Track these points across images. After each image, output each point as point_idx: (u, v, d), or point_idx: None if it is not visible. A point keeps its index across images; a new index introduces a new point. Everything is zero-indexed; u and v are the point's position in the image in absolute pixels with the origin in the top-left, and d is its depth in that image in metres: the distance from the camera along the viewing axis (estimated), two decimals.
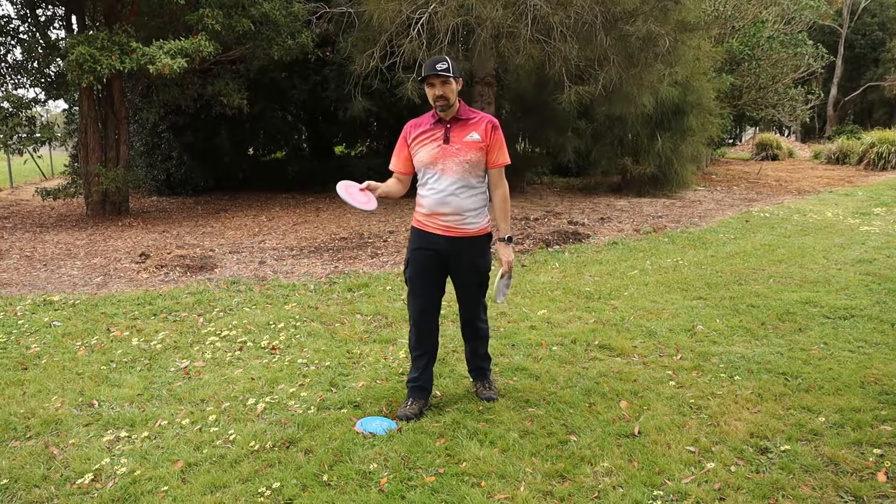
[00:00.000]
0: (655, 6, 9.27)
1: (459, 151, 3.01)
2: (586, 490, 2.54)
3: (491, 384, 3.41)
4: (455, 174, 3.02)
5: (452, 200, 3.03)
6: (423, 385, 3.25)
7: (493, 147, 3.05)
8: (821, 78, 25.64)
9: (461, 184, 3.03)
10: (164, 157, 13.83)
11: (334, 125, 14.90)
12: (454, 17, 8.77)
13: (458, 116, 3.05)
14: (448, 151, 3.02)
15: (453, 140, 3.02)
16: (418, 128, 3.10)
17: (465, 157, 3.01)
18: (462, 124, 3.04)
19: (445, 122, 3.04)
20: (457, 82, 2.99)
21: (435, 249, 3.10)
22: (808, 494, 2.48)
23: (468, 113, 3.07)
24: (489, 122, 3.06)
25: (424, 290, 3.18)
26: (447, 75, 2.92)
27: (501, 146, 3.08)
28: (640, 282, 5.83)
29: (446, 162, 3.02)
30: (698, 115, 12.66)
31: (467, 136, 3.01)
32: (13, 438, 3.07)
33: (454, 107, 3.03)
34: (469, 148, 3.01)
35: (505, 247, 3.18)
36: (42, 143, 10.50)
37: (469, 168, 3.02)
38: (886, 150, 17.73)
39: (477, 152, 3.02)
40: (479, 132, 3.02)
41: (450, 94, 2.97)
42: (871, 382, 3.47)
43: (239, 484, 2.63)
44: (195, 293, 5.66)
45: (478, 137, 3.02)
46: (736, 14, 17.17)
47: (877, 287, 5.42)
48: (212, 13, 9.03)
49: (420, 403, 3.23)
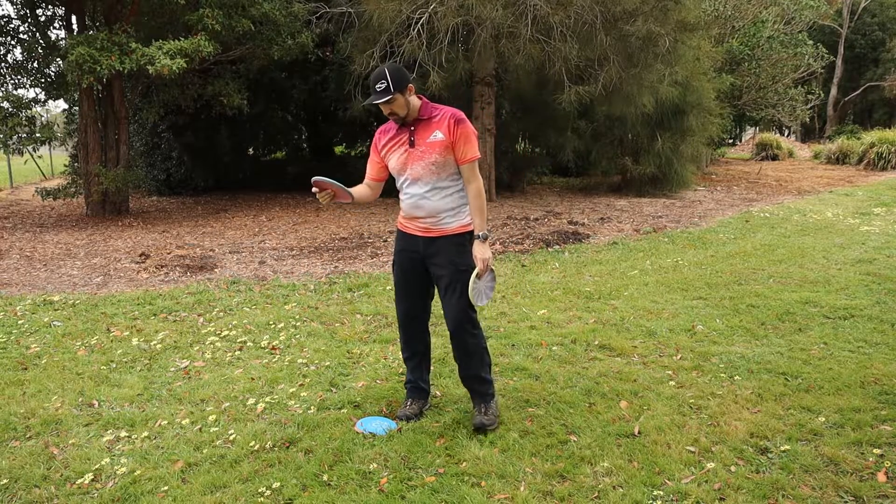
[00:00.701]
0: (655, 6, 9.27)
1: (424, 153, 2.90)
2: (586, 490, 2.54)
3: (487, 409, 3.05)
4: (423, 177, 2.92)
5: (425, 204, 2.94)
6: (420, 385, 3.24)
7: (458, 142, 2.89)
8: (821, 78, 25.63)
9: (431, 186, 2.92)
10: (164, 157, 13.84)
11: (334, 125, 14.90)
12: (454, 17, 8.78)
13: (421, 117, 2.92)
14: (414, 155, 2.92)
15: (418, 142, 2.91)
16: (386, 134, 3.03)
17: (430, 158, 2.89)
18: (425, 124, 2.92)
19: (409, 125, 2.94)
20: (404, 94, 2.83)
21: (415, 251, 3.03)
22: (808, 494, 2.48)
23: (430, 111, 2.93)
24: (452, 116, 2.90)
25: (407, 293, 3.13)
26: (387, 98, 2.78)
27: (468, 140, 2.90)
28: (640, 282, 5.83)
29: (414, 166, 2.92)
30: (698, 115, 12.67)
31: (431, 136, 2.89)
32: (13, 438, 3.07)
33: (412, 111, 2.91)
34: (433, 148, 2.88)
35: (480, 244, 2.94)
36: (42, 143, 10.50)
37: (436, 169, 2.90)
38: (886, 150, 17.73)
39: (442, 151, 2.88)
40: (442, 130, 2.88)
41: (398, 109, 2.85)
42: (871, 382, 3.47)
43: (239, 484, 2.63)
44: (195, 293, 5.66)
45: (441, 136, 2.88)
46: (736, 14, 17.18)
47: (877, 287, 5.43)
48: (212, 13, 9.03)
49: (419, 403, 3.23)
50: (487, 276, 2.99)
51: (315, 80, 12.69)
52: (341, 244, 8.04)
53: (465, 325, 3.00)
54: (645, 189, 12.78)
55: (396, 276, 3.15)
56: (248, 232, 9.07)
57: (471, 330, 3.02)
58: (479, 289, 2.96)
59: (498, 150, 12.04)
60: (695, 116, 12.55)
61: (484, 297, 3.00)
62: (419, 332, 3.20)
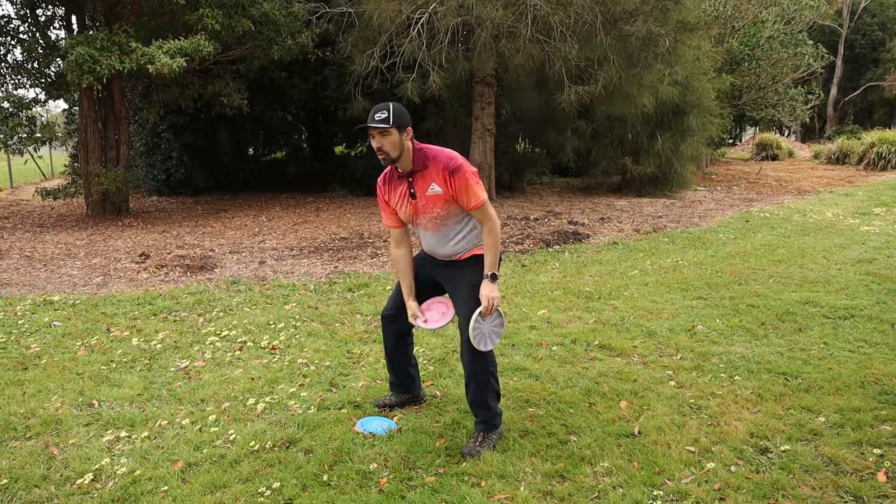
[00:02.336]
0: (655, 6, 9.27)
1: (426, 207, 2.81)
2: (586, 490, 2.54)
3: (482, 440, 2.85)
4: (431, 229, 2.87)
5: (438, 250, 2.92)
6: (398, 383, 3.29)
7: (458, 194, 2.74)
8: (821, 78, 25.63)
9: (441, 234, 2.86)
10: (164, 157, 13.83)
11: (334, 125, 14.89)
12: (454, 17, 8.78)
13: (415, 168, 2.78)
14: (417, 207, 2.83)
15: (419, 195, 2.80)
16: (386, 185, 2.94)
17: (432, 213, 2.81)
18: (421, 174, 2.78)
19: (406, 176, 2.82)
20: (402, 132, 2.70)
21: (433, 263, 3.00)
22: (808, 494, 2.48)
23: (423, 160, 2.77)
24: (444, 167, 2.73)
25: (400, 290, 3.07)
26: (384, 127, 2.66)
27: (468, 188, 2.72)
28: (640, 282, 5.83)
29: (420, 219, 2.86)
30: (698, 115, 12.67)
31: (429, 190, 2.77)
32: (13, 438, 3.07)
33: (407, 156, 2.77)
34: (434, 203, 2.78)
35: (488, 283, 2.75)
36: (42, 143, 10.49)
37: (441, 221, 2.82)
38: (886, 150, 17.73)
39: (443, 205, 2.78)
40: (438, 183, 2.75)
41: (389, 148, 2.70)
42: (871, 382, 3.47)
43: (239, 484, 2.63)
44: (195, 293, 5.66)
45: (439, 190, 2.75)
46: (736, 14, 17.17)
47: (877, 287, 5.42)
48: (212, 13, 9.03)
49: (399, 398, 3.29)
50: (494, 318, 2.76)
51: (315, 80, 12.68)
52: (341, 244, 8.04)
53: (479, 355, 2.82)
54: (645, 189, 12.78)
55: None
56: (248, 232, 9.07)
57: (479, 354, 2.81)
58: (482, 331, 2.73)
59: (498, 150, 12.04)
60: (695, 116, 12.55)
61: (489, 341, 2.76)
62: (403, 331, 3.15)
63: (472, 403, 2.91)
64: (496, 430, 2.91)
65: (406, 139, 2.75)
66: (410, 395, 3.32)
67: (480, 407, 2.89)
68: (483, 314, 2.71)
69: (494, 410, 2.90)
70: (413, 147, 2.79)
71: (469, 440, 2.88)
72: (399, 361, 3.24)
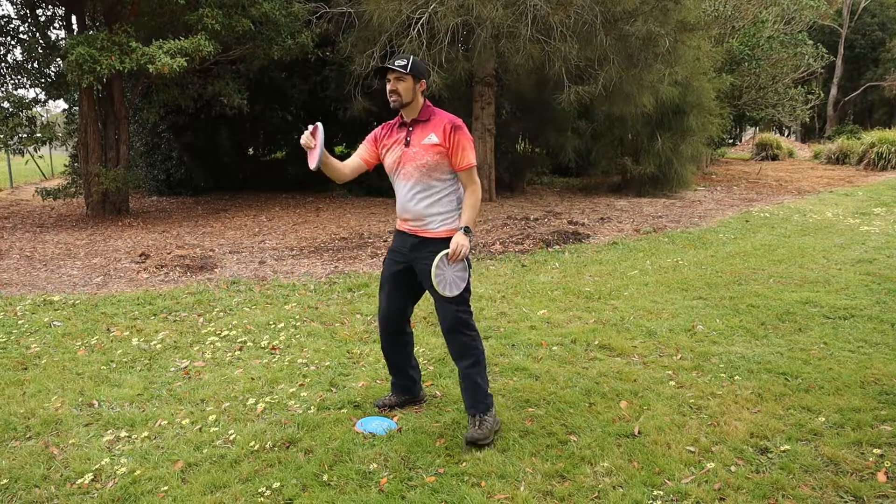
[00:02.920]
0: (655, 6, 9.28)
1: (417, 155, 2.89)
2: (586, 490, 2.54)
3: (481, 422, 2.89)
4: (412, 178, 2.91)
5: (411, 206, 2.93)
6: (400, 384, 3.30)
7: (454, 150, 2.86)
8: (821, 78, 25.65)
9: (419, 188, 2.90)
10: (164, 157, 13.83)
11: (334, 125, 14.86)
12: (454, 17, 8.78)
13: (419, 118, 2.92)
14: (407, 155, 2.91)
15: (413, 142, 2.91)
16: (386, 129, 3.05)
17: (421, 160, 2.87)
18: (422, 126, 2.92)
19: (408, 125, 2.94)
20: (416, 81, 2.87)
21: (404, 251, 3.02)
22: (808, 494, 2.48)
23: (429, 113, 2.94)
24: (449, 122, 2.89)
25: (388, 293, 3.10)
26: (401, 72, 2.81)
27: (464, 147, 2.87)
28: (640, 282, 5.83)
29: (405, 166, 2.92)
30: (698, 115, 12.67)
31: (426, 139, 2.88)
32: (13, 438, 3.07)
33: (415, 106, 2.91)
34: (426, 151, 2.87)
35: (460, 234, 2.83)
36: (42, 143, 10.48)
37: (426, 171, 2.88)
38: (886, 150, 17.73)
39: (434, 155, 2.86)
40: (437, 134, 2.86)
41: (403, 91, 2.84)
42: (871, 382, 3.47)
43: (239, 484, 2.63)
44: (195, 293, 5.66)
45: (436, 140, 2.86)
46: (736, 14, 17.18)
47: (877, 287, 5.42)
48: (212, 13, 9.03)
49: (399, 398, 3.30)
50: (458, 266, 2.84)
51: (315, 80, 12.68)
52: (341, 244, 8.04)
53: (459, 327, 2.92)
54: (645, 189, 12.78)
55: (382, 275, 3.15)
56: (248, 232, 9.07)
57: (465, 331, 2.93)
58: (444, 276, 2.80)
59: (498, 150, 12.04)
60: (695, 116, 12.55)
61: (451, 286, 2.82)
62: (397, 339, 3.18)
63: (465, 382, 2.96)
64: (490, 412, 2.95)
65: (419, 90, 2.91)
66: (410, 396, 3.33)
67: (474, 388, 2.94)
68: (449, 258, 2.80)
69: (485, 389, 2.96)
70: (423, 102, 2.95)
71: (470, 428, 2.91)
72: (399, 362, 3.24)
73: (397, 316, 3.14)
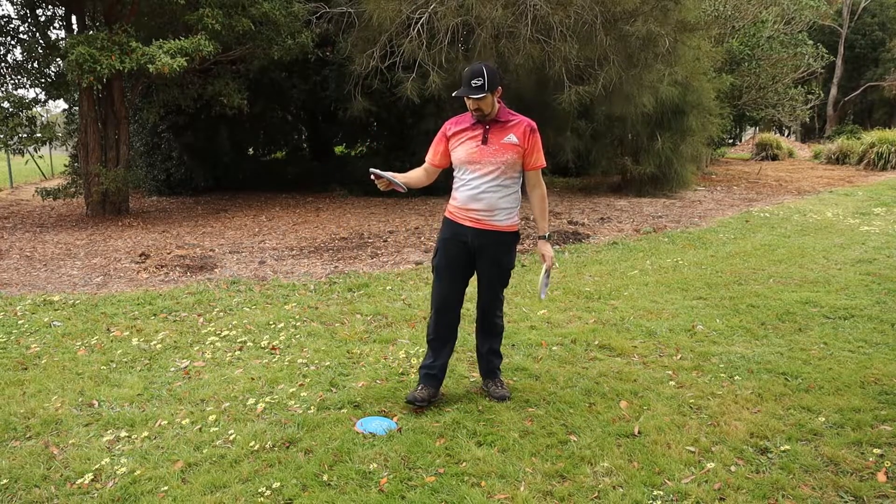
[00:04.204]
0: (655, 6, 9.27)
1: (497, 152, 3.09)
2: (586, 490, 2.54)
3: (502, 382, 3.43)
4: (491, 174, 3.10)
5: (486, 197, 3.12)
6: (435, 374, 3.31)
7: (530, 150, 3.13)
8: (821, 78, 25.62)
9: (496, 183, 3.11)
10: (164, 157, 13.83)
11: (334, 125, 14.89)
12: (454, 17, 8.78)
13: (498, 119, 3.12)
14: (486, 152, 3.10)
15: (491, 141, 3.11)
16: (458, 125, 3.19)
17: (501, 158, 3.09)
18: (501, 126, 3.12)
19: (485, 124, 3.13)
20: (494, 94, 3.05)
21: (463, 241, 3.18)
22: (808, 494, 2.48)
23: (507, 115, 3.15)
24: (528, 125, 3.13)
25: (450, 279, 3.25)
26: (479, 96, 2.99)
27: (538, 149, 3.16)
28: (640, 282, 5.83)
29: (483, 161, 3.10)
30: (698, 115, 12.66)
31: (505, 138, 3.10)
32: (13, 438, 3.07)
33: (493, 111, 3.11)
34: (506, 150, 3.09)
35: (545, 244, 3.28)
36: (42, 143, 10.49)
37: (505, 168, 3.10)
38: (886, 150, 17.72)
39: (513, 154, 3.10)
40: (517, 135, 3.10)
41: (485, 108, 3.06)
42: (871, 382, 3.47)
43: (239, 484, 2.63)
44: (195, 293, 5.66)
45: (516, 140, 3.10)
46: (736, 14, 17.17)
47: (877, 287, 5.42)
48: (212, 13, 9.03)
49: (429, 391, 3.29)
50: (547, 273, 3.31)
51: (315, 80, 12.68)
52: (341, 244, 8.04)
53: (497, 311, 3.35)
54: (645, 189, 12.77)
55: (439, 262, 3.26)
56: (248, 232, 9.07)
57: (499, 313, 3.37)
58: (542, 283, 3.29)
59: None
60: (695, 116, 12.54)
61: (544, 290, 3.33)
62: (453, 318, 3.33)
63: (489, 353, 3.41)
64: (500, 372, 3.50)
65: (497, 97, 3.11)
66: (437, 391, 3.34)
67: (496, 356, 3.44)
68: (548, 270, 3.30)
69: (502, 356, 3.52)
70: (500, 105, 3.16)
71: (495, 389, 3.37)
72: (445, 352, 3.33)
73: (456, 306, 3.32)
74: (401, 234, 8.54)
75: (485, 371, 3.46)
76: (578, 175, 15.75)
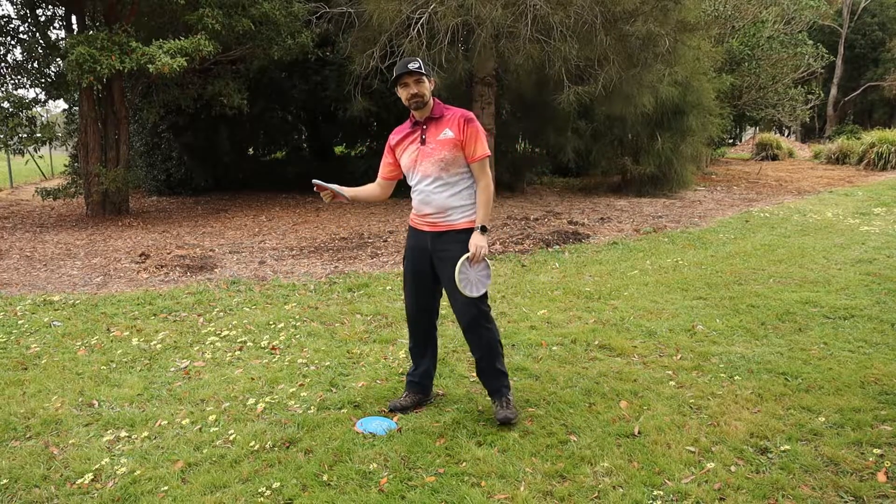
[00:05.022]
0: (655, 6, 9.27)
1: (434, 150, 3.00)
2: (586, 490, 2.54)
3: (508, 402, 3.11)
4: (432, 173, 3.01)
5: (433, 199, 3.02)
6: (417, 381, 3.29)
7: (468, 141, 2.99)
8: (821, 78, 25.61)
9: (439, 182, 3.00)
10: (164, 157, 13.83)
11: (334, 125, 14.89)
12: (454, 17, 8.78)
13: (432, 116, 3.04)
14: (424, 152, 3.02)
15: (428, 140, 3.02)
16: (399, 134, 3.15)
17: (439, 155, 2.99)
18: (436, 123, 3.03)
19: (421, 124, 3.05)
20: (430, 82, 3.01)
21: (423, 248, 3.10)
22: (808, 494, 2.48)
23: (442, 110, 3.06)
24: (461, 116, 3.02)
25: (415, 289, 3.19)
26: (420, 73, 2.93)
27: (477, 139, 3.00)
28: (640, 282, 5.83)
29: (423, 163, 3.02)
30: (698, 115, 12.66)
31: (441, 135, 3.00)
32: (13, 438, 3.07)
33: (428, 106, 3.03)
34: (443, 146, 2.99)
35: (478, 234, 2.97)
36: (42, 143, 10.49)
37: (444, 166, 2.99)
38: (886, 150, 17.72)
39: (451, 149, 2.98)
40: (452, 129, 2.99)
41: (424, 91, 2.97)
42: (871, 382, 3.47)
43: (239, 484, 2.63)
44: (195, 293, 5.66)
45: (451, 134, 2.98)
46: (736, 14, 17.17)
47: (877, 287, 5.42)
48: (212, 13, 9.03)
49: (413, 398, 3.28)
50: (481, 266, 2.96)
51: (315, 80, 12.68)
52: (341, 244, 8.04)
53: (479, 320, 3.05)
54: (645, 189, 12.78)
55: (406, 273, 3.21)
56: (248, 232, 9.07)
57: (485, 324, 3.06)
58: (468, 277, 2.93)
59: (498, 150, 12.03)
60: (695, 116, 12.54)
61: (475, 287, 2.95)
62: (426, 326, 3.27)
63: (487, 372, 3.13)
64: (510, 391, 3.16)
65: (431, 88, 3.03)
66: (424, 396, 3.33)
67: (496, 375, 3.12)
68: (470, 260, 2.92)
69: (505, 374, 3.16)
70: (433, 100, 3.07)
71: (499, 409, 3.07)
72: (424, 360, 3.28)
73: (425, 315, 3.24)
74: (401, 234, 8.54)
75: (488, 389, 3.19)
76: (578, 175, 15.75)
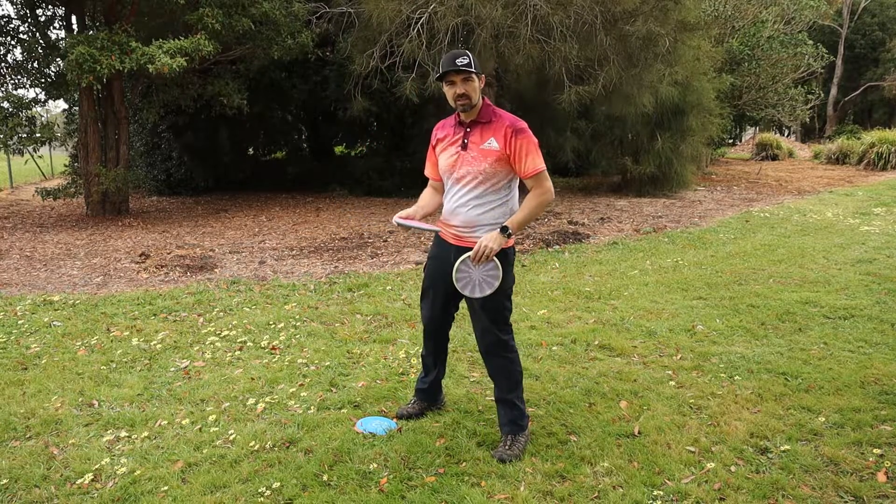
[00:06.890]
0: (655, 6, 9.28)
1: (475, 160, 2.68)
2: (586, 490, 2.54)
3: (513, 442, 2.79)
4: (468, 185, 2.71)
5: (462, 212, 2.73)
6: (426, 388, 3.21)
7: (516, 156, 2.64)
8: (821, 78, 25.62)
9: (473, 195, 2.70)
10: (164, 157, 13.84)
11: (334, 125, 14.91)
12: (454, 17, 8.78)
13: (479, 119, 2.71)
14: (464, 158, 2.70)
15: (471, 146, 2.70)
16: (443, 130, 2.87)
17: (479, 166, 2.67)
18: (482, 128, 2.70)
19: (466, 126, 2.74)
20: (479, 79, 2.66)
21: (446, 259, 2.80)
22: (808, 494, 2.48)
23: (490, 115, 2.71)
24: (510, 125, 2.66)
25: (433, 302, 2.98)
26: (469, 71, 2.60)
27: (528, 152, 2.64)
28: (640, 282, 5.83)
29: (461, 170, 2.71)
30: (698, 115, 12.66)
31: (485, 143, 2.67)
32: (13, 438, 3.07)
33: (476, 108, 2.71)
34: (485, 156, 2.66)
35: (497, 234, 2.61)
36: (42, 143, 10.48)
37: (484, 179, 2.67)
38: (886, 150, 17.72)
39: (494, 163, 2.65)
40: (498, 139, 2.65)
41: (472, 93, 2.64)
42: (871, 382, 3.47)
43: (239, 484, 2.63)
44: (195, 293, 5.66)
45: (496, 146, 2.65)
46: (736, 14, 17.17)
47: (877, 287, 5.42)
48: (212, 13, 9.03)
49: (421, 405, 3.22)
50: (489, 266, 2.62)
51: (315, 80, 12.69)
52: (341, 244, 8.04)
53: (497, 349, 2.81)
54: (645, 189, 12.78)
55: (424, 282, 3.00)
56: (248, 232, 9.07)
57: (503, 353, 2.82)
58: (471, 277, 2.62)
59: None
60: (695, 116, 12.55)
61: (478, 288, 2.64)
62: (441, 338, 3.13)
63: (501, 402, 2.87)
64: (524, 432, 2.85)
65: (481, 86, 2.71)
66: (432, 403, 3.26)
67: (510, 407, 2.85)
68: (472, 259, 2.60)
69: (522, 409, 2.86)
70: (483, 101, 2.74)
71: (500, 446, 2.82)
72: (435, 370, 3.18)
73: (441, 325, 3.06)
74: (401, 234, 8.54)
75: (499, 421, 2.90)
76: (578, 175, 15.76)
